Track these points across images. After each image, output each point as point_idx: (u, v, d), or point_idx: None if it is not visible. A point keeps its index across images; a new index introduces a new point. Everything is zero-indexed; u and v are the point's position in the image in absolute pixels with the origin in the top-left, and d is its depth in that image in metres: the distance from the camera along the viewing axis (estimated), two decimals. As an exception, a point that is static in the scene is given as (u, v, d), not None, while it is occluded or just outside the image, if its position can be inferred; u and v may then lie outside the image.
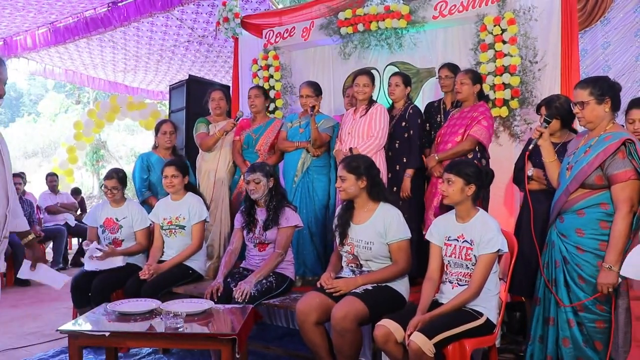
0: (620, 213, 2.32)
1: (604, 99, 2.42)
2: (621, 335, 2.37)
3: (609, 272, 2.31)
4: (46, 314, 4.48)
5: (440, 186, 2.62)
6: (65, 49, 7.50)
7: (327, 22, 4.67)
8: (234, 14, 5.17)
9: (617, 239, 2.32)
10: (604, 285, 2.33)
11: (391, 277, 2.74)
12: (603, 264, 2.34)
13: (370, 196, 2.81)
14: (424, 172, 3.65)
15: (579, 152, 2.52)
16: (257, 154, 4.11)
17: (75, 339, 2.32)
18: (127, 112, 9.99)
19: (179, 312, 2.35)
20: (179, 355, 3.32)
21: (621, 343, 2.36)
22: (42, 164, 18.63)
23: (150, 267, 3.33)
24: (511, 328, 3.46)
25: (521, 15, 3.87)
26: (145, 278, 3.26)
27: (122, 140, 20.20)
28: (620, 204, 2.32)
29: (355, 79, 3.74)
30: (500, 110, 3.89)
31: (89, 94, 19.03)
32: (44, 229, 6.36)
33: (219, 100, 4.26)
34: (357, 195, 2.80)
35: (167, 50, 7.61)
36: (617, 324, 2.37)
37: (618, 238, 2.31)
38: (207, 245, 3.95)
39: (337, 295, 2.71)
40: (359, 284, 2.73)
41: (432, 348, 2.28)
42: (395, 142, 3.72)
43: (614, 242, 2.32)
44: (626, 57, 4.76)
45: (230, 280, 3.18)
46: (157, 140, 4.14)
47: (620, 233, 2.31)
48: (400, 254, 2.73)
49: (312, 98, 3.86)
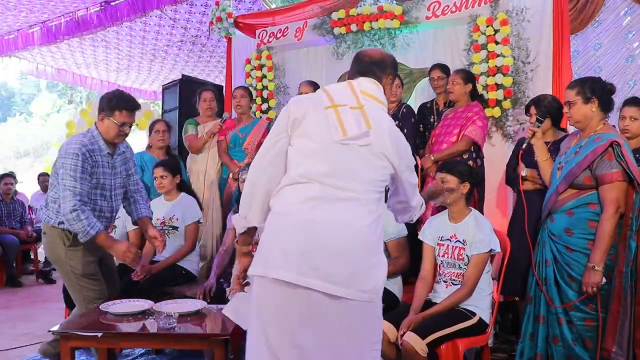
0: (606, 214, 2.35)
1: (590, 98, 2.46)
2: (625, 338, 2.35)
3: (593, 271, 2.34)
4: (38, 315, 4.46)
5: None
6: (58, 48, 7.44)
7: (320, 22, 4.67)
8: (227, 13, 5.16)
9: (602, 239, 2.34)
10: (589, 284, 2.35)
11: (393, 272, 2.74)
12: (587, 264, 2.37)
13: None
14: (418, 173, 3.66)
15: (570, 153, 2.54)
16: (244, 152, 4.11)
17: (67, 339, 2.30)
18: (120, 112, 9.92)
19: (172, 313, 2.35)
20: (172, 355, 3.31)
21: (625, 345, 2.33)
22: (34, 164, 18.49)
23: (144, 268, 3.32)
24: (504, 327, 3.48)
25: (514, 16, 3.89)
26: (138, 279, 3.25)
27: (114, 140, 20.08)
28: (607, 205, 2.35)
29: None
30: (493, 110, 3.90)
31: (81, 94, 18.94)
32: (35, 229, 6.32)
33: (211, 101, 4.25)
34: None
35: (160, 49, 7.57)
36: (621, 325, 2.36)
37: (603, 238, 2.34)
38: (200, 245, 3.94)
39: None
40: None
41: (425, 348, 2.29)
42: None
43: (599, 242, 2.34)
44: (617, 58, 4.80)
45: (223, 281, 3.18)
46: (151, 139, 4.13)
47: (606, 233, 2.33)
48: (400, 250, 2.78)
49: None
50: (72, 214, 2.50)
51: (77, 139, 2.62)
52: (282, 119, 1.80)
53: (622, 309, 2.35)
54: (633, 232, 2.35)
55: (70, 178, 2.52)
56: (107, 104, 2.63)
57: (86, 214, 2.54)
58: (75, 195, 2.52)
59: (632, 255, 2.35)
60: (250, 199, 1.82)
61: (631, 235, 2.35)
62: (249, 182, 1.83)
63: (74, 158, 2.54)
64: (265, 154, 1.82)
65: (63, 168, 2.55)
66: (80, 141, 2.59)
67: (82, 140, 2.60)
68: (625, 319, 2.34)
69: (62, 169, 2.55)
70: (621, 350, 2.32)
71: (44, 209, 2.76)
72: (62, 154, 2.59)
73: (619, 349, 2.33)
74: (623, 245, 2.38)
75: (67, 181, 2.52)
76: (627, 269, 2.35)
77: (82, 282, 2.68)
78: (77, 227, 2.52)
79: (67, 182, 2.52)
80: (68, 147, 2.57)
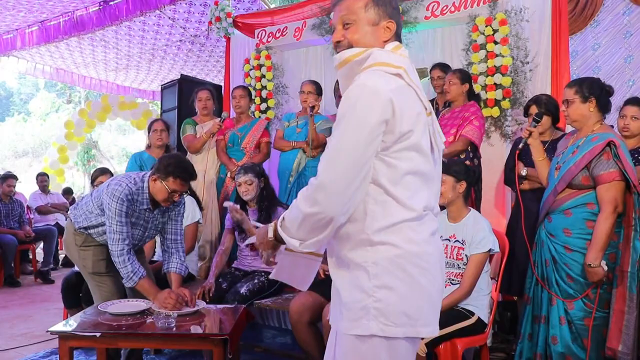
0: (604, 213, 2.36)
1: (588, 98, 2.47)
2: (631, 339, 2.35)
3: (590, 269, 2.35)
4: (36, 315, 4.45)
5: None
6: (56, 47, 7.44)
7: (319, 22, 4.67)
8: (226, 13, 5.16)
9: (598, 238, 2.35)
10: (596, 281, 2.37)
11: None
12: (585, 264, 2.38)
13: None
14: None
15: (567, 152, 2.55)
16: (242, 152, 4.12)
17: (65, 340, 2.30)
18: (119, 112, 9.94)
19: (171, 313, 2.35)
20: (171, 355, 3.31)
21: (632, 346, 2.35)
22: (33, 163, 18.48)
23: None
24: (502, 327, 3.48)
25: (512, 16, 3.89)
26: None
27: (113, 140, 20.08)
28: (605, 205, 2.36)
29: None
30: (491, 110, 3.90)
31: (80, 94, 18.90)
32: (34, 229, 6.32)
33: (206, 101, 4.27)
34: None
35: (159, 49, 7.57)
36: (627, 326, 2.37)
37: (600, 237, 2.35)
38: (199, 246, 3.94)
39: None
40: None
41: (424, 347, 2.30)
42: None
43: (595, 241, 2.36)
44: (615, 58, 4.81)
45: (222, 281, 3.18)
46: (150, 138, 4.13)
47: (603, 233, 2.34)
48: None
49: (313, 95, 3.86)
50: (120, 258, 2.57)
51: (126, 183, 2.61)
52: (377, 115, 1.29)
53: (627, 309, 2.35)
54: (638, 232, 2.36)
55: (117, 223, 2.57)
56: (165, 168, 2.58)
57: (132, 259, 2.59)
58: (124, 240, 2.58)
59: (637, 255, 2.35)
60: (323, 221, 1.32)
61: (636, 236, 2.36)
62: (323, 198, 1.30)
63: (119, 203, 2.57)
64: (355, 166, 1.30)
65: (109, 210, 2.58)
66: (128, 188, 2.60)
67: (130, 187, 2.61)
68: (631, 319, 2.35)
69: (108, 210, 2.59)
70: (627, 349, 2.34)
71: (73, 210, 2.84)
72: (109, 193, 2.59)
73: (625, 348, 2.34)
74: (627, 246, 2.38)
75: (115, 226, 2.58)
76: (633, 269, 2.35)
77: (94, 279, 2.75)
78: (123, 271, 2.59)
79: (114, 226, 2.57)
80: (115, 189, 2.58)
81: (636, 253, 2.35)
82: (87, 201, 2.78)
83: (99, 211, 2.68)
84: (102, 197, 2.64)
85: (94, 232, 2.74)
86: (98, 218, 2.69)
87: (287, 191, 3.86)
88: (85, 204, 2.77)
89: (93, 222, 2.71)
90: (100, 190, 2.71)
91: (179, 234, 2.83)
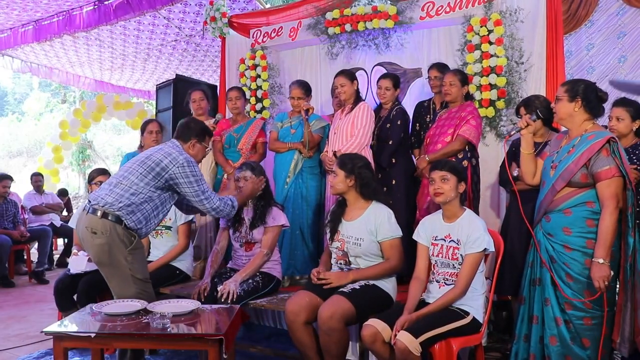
0: (607, 209, 2.37)
1: (575, 97, 2.50)
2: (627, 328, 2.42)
3: (601, 266, 2.35)
4: (31, 316, 4.43)
5: (431, 186, 2.62)
6: (51, 46, 7.40)
7: (314, 22, 4.67)
8: (221, 13, 5.16)
9: (605, 234, 2.36)
10: (599, 279, 2.35)
11: (383, 274, 2.76)
12: (593, 260, 2.38)
13: (362, 195, 2.83)
14: (414, 173, 3.66)
15: (562, 152, 2.56)
16: (239, 152, 4.11)
17: (60, 340, 2.29)
18: (114, 112, 9.91)
19: (166, 313, 2.34)
20: (166, 355, 3.31)
21: (627, 335, 2.41)
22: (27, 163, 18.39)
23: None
24: (498, 327, 3.49)
25: (507, 17, 3.91)
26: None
27: (108, 140, 20.00)
28: (607, 201, 2.37)
29: (334, 81, 3.76)
30: (486, 110, 3.92)
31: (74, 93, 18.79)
32: (28, 229, 6.29)
33: (200, 101, 4.30)
34: (345, 191, 2.83)
35: (154, 49, 7.55)
36: (623, 317, 2.42)
37: (606, 233, 2.36)
38: (194, 245, 3.93)
39: (327, 288, 2.72)
40: (350, 278, 2.74)
41: (419, 347, 2.30)
42: (383, 143, 3.73)
43: (602, 237, 2.36)
44: (609, 58, 4.83)
45: (217, 281, 3.17)
46: (143, 139, 4.11)
47: (608, 229, 2.36)
48: (393, 251, 2.75)
49: (302, 99, 3.87)
50: (226, 209, 2.88)
51: (177, 150, 2.76)
52: None
53: (623, 302, 2.42)
54: (630, 228, 2.39)
55: (201, 182, 2.76)
56: (201, 131, 2.91)
57: (224, 199, 2.88)
58: (213, 194, 2.83)
59: (630, 250, 2.39)
60: None
61: (628, 232, 2.39)
62: None
63: (194, 165, 2.74)
64: None
65: (186, 177, 2.69)
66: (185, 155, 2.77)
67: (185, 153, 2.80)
68: (626, 311, 2.41)
69: (185, 177, 2.69)
70: (623, 340, 2.38)
71: (112, 205, 2.59)
72: (175, 162, 2.67)
73: (621, 339, 2.39)
74: (622, 241, 2.42)
75: (202, 185, 2.76)
76: (626, 264, 2.40)
77: (139, 286, 2.67)
78: (232, 212, 2.95)
79: (202, 186, 2.76)
80: (178, 157, 2.69)
81: (629, 248, 2.39)
82: (128, 182, 2.63)
83: (150, 184, 2.65)
84: (158, 170, 2.65)
85: (142, 218, 2.64)
86: (146, 192, 2.64)
87: (284, 192, 3.85)
88: (128, 185, 2.62)
89: (143, 198, 2.63)
90: (140, 166, 2.66)
91: (193, 195, 2.75)
